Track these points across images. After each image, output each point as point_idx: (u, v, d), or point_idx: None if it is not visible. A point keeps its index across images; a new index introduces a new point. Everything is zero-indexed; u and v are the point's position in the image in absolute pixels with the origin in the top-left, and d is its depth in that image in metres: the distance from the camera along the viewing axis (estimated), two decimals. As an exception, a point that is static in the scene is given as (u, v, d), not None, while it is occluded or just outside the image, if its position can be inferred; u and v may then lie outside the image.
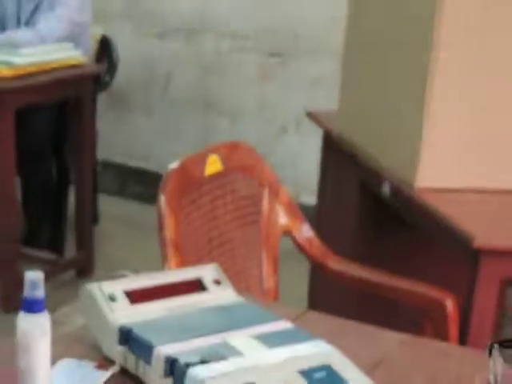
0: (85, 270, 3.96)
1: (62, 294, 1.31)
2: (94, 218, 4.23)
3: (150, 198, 4.85)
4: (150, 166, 4.98)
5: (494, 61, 2.33)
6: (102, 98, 4.41)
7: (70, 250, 4.05)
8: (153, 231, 4.43)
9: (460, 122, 2.35)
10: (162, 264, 1.99)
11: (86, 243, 3.96)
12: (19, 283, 3.68)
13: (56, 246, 4.07)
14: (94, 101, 4.01)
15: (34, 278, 1.29)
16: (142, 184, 5.00)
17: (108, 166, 4.96)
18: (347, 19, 2.91)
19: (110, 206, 4.77)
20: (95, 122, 4.07)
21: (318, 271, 2.47)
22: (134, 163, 5.06)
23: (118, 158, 5.06)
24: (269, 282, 2.26)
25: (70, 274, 3.90)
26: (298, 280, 3.22)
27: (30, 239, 3.96)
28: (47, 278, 1.31)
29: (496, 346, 0.98)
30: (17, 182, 3.61)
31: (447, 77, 2.31)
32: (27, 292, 1.30)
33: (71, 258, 4.01)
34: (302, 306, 3.09)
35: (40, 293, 1.29)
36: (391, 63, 2.60)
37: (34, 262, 3.82)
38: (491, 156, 2.39)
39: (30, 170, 3.79)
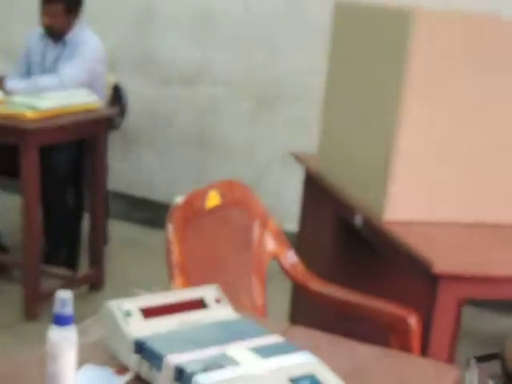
0: (96, 284, 3.95)
1: (76, 305, 1.32)
2: (105, 240, 4.22)
3: (153, 223, 4.88)
4: (153, 195, 4.97)
5: (454, 109, 2.36)
6: (113, 137, 4.40)
7: (84, 267, 4.04)
8: (155, 251, 4.47)
9: (423, 165, 2.37)
10: (167, 282, 1.99)
11: (97, 261, 3.95)
12: (40, 296, 3.71)
13: (72, 263, 4.05)
14: (106, 139, 4.01)
15: (64, 297, 1.29)
16: (146, 211, 4.99)
17: (117, 194, 4.95)
18: (327, 73, 2.92)
19: (118, 229, 4.76)
20: (107, 157, 4.08)
21: (299, 290, 2.47)
22: (139, 193, 5.04)
23: (126, 188, 5.05)
24: (258, 300, 2.27)
25: (84, 288, 3.89)
26: (279, 297, 3.22)
27: (50, 258, 3.94)
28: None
29: (473, 360, 1.00)
30: (39, 209, 3.61)
31: (413, 123, 2.33)
32: (57, 309, 1.29)
33: (85, 274, 3.99)
34: (283, 319, 3.10)
35: (68, 310, 1.29)
36: (364, 111, 2.60)
37: (53, 278, 3.82)
38: (450, 194, 2.41)
39: (51, 200, 3.78)
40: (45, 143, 3.54)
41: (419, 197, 2.39)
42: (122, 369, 1.43)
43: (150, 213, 4.94)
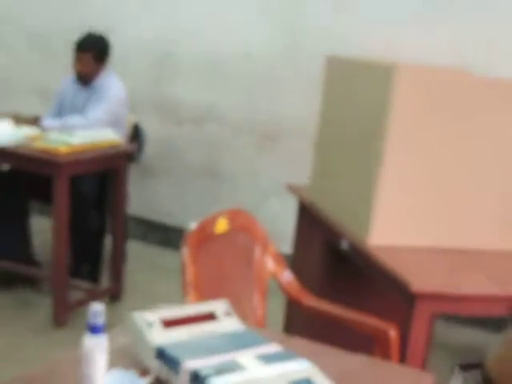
0: (116, 297, 3.94)
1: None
2: (124, 258, 4.22)
3: (167, 244, 4.88)
4: (168, 219, 4.96)
5: (433, 148, 2.38)
6: (133, 168, 4.41)
7: (105, 281, 4.04)
8: (168, 269, 4.45)
9: (404, 196, 2.39)
10: (179, 296, 2.00)
11: (117, 276, 3.95)
12: (67, 305, 3.68)
13: (94, 278, 4.05)
14: (126, 170, 4.02)
15: (97, 309, 1.31)
16: (160, 233, 5.00)
17: (136, 219, 4.95)
18: (319, 116, 2.94)
19: (136, 249, 4.77)
20: (127, 186, 4.09)
21: (293, 305, 2.47)
22: (155, 217, 5.04)
23: (144, 213, 5.04)
24: (259, 312, 2.28)
25: (105, 299, 3.89)
26: (274, 310, 3.21)
27: (75, 272, 3.94)
28: (86, 302, 1.34)
29: (457, 368, 1.00)
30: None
31: (395, 159, 2.35)
32: (91, 319, 1.31)
33: (106, 287, 3.99)
34: (279, 329, 3.10)
35: (101, 320, 1.31)
36: (351, 147, 2.62)
37: (78, 290, 3.82)
38: (428, 222, 2.42)
39: (78, 222, 3.78)
40: (74, 174, 3.55)
41: (400, 224, 2.41)
42: (144, 372, 1.45)
43: (164, 235, 4.96)
